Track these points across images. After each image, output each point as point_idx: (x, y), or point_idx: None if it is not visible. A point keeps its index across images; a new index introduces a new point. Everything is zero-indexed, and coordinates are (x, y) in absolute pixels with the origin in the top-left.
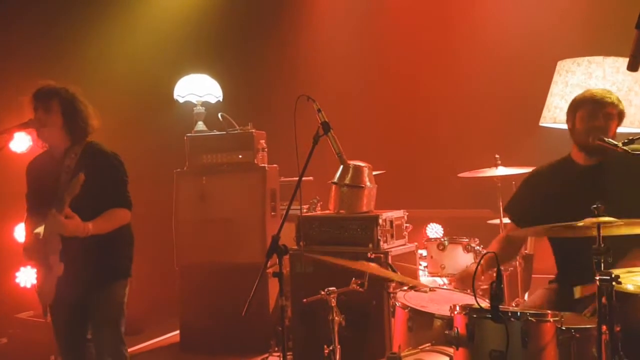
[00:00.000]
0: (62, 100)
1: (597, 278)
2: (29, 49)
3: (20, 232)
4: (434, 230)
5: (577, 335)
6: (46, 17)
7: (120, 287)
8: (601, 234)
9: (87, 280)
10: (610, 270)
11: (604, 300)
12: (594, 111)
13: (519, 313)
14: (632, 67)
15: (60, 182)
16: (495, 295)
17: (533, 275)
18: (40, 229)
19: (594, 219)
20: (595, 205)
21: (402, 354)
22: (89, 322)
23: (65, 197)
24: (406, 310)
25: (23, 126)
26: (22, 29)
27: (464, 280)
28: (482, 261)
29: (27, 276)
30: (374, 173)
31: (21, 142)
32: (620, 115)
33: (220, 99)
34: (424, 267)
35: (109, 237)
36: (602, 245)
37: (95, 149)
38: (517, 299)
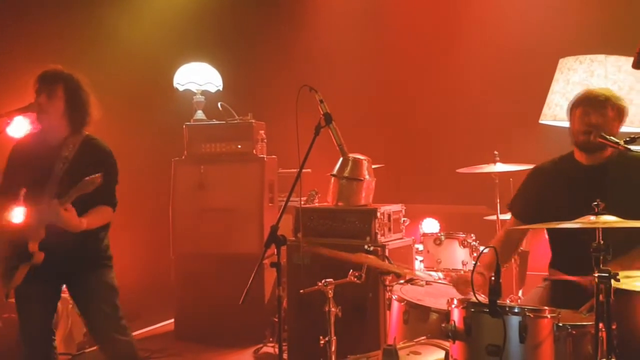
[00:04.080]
0: (67, 87)
1: (596, 275)
2: (30, 33)
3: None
4: (430, 225)
5: (574, 332)
6: (47, 1)
7: (107, 271)
8: (601, 232)
9: (67, 272)
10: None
11: (601, 297)
12: (590, 109)
13: (516, 308)
14: (637, 65)
15: (54, 171)
16: (494, 289)
17: (528, 272)
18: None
19: (594, 219)
20: (595, 202)
21: (398, 346)
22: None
23: (73, 192)
24: (402, 303)
25: (23, 110)
26: (25, 13)
27: (459, 284)
28: (479, 268)
29: None
30: (373, 167)
31: (20, 127)
32: (620, 112)
33: (220, 88)
34: (420, 261)
35: (90, 230)
36: (602, 243)
37: (94, 143)
38: (512, 295)
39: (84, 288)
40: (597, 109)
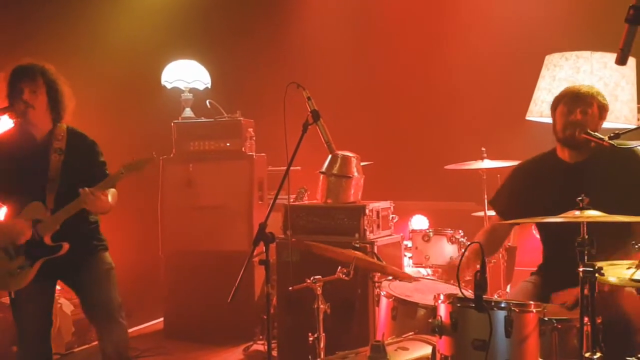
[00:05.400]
0: (46, 79)
1: (580, 270)
2: (16, 30)
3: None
4: (420, 222)
5: (559, 326)
6: None
7: (106, 252)
8: (585, 227)
9: (69, 263)
10: (594, 262)
11: (586, 291)
12: (570, 106)
13: (502, 303)
14: (620, 61)
15: (50, 163)
16: (479, 284)
17: (516, 268)
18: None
19: (579, 214)
20: (580, 198)
21: (386, 342)
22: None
23: (105, 184)
24: (390, 300)
25: (9, 109)
26: (10, 9)
27: (450, 272)
28: (467, 253)
29: None
30: (362, 164)
31: (3, 124)
32: (601, 109)
33: (209, 85)
34: (409, 257)
35: (92, 216)
36: (587, 238)
37: (77, 132)
38: (500, 290)
39: (89, 272)
40: (581, 105)
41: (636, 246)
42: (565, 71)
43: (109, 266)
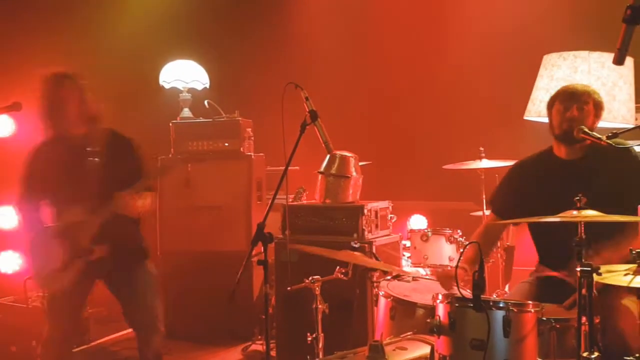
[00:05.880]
0: (76, 83)
1: (578, 269)
2: (12, 31)
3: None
4: (418, 222)
5: (557, 326)
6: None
7: (149, 260)
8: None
9: (112, 266)
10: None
11: (583, 291)
12: (567, 103)
13: (500, 302)
14: (618, 61)
15: (85, 167)
16: (477, 284)
17: (514, 267)
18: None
19: (576, 214)
20: (577, 197)
21: (384, 342)
22: (131, 298)
23: (138, 187)
24: (389, 299)
25: (9, 108)
26: (7, 10)
27: (445, 281)
28: (462, 260)
29: (8, 261)
30: (360, 164)
31: (4, 127)
32: (597, 107)
33: (207, 85)
34: (408, 257)
35: (136, 220)
36: (584, 237)
37: (119, 135)
38: (498, 290)
39: (134, 282)
40: (577, 102)
41: (633, 252)
42: (563, 71)
43: (152, 274)
